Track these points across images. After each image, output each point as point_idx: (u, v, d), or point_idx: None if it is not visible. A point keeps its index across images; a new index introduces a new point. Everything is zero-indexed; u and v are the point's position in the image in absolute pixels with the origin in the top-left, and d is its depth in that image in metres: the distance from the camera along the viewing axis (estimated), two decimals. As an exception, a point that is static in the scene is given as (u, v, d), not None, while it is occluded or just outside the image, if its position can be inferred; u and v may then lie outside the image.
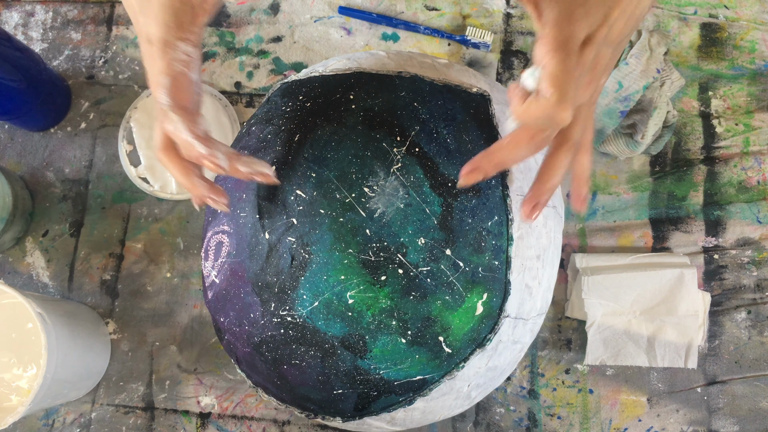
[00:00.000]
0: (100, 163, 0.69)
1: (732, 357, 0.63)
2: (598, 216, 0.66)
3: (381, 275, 0.38)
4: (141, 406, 0.64)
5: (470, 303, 0.39)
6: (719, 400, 0.62)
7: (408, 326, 0.39)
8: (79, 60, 0.72)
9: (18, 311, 0.57)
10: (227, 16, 0.71)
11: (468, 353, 0.41)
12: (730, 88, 0.67)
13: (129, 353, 0.65)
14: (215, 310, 0.46)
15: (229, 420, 0.63)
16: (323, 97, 0.42)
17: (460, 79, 0.44)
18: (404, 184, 0.39)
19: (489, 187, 0.40)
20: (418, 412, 0.44)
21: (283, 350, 0.41)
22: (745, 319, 0.63)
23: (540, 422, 0.62)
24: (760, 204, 0.65)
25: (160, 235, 0.67)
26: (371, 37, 0.70)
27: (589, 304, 0.61)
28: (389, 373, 0.40)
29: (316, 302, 0.39)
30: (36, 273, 0.67)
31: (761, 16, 0.68)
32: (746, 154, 0.66)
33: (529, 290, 0.42)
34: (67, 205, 0.68)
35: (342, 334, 0.39)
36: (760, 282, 0.64)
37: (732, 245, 0.65)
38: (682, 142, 0.67)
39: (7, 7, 0.74)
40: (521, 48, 0.69)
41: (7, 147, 0.70)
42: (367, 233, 0.38)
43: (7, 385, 0.56)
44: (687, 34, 0.69)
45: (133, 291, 0.66)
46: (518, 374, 0.63)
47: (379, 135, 0.40)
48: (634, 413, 0.62)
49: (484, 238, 0.39)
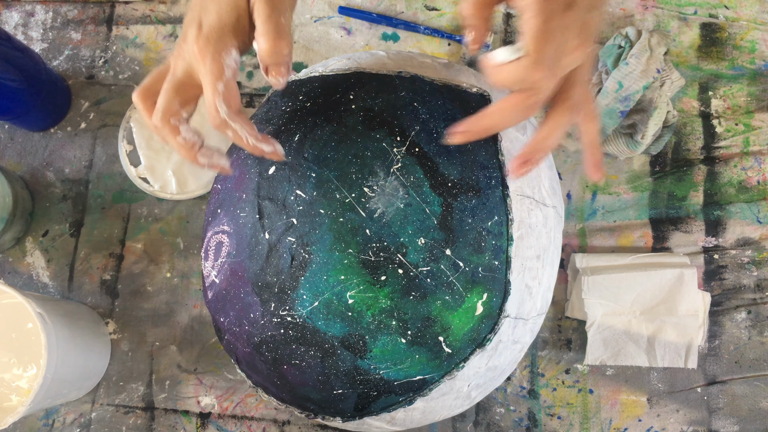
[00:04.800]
0: (100, 163, 0.69)
1: (732, 357, 0.63)
2: (598, 216, 0.66)
3: (381, 275, 0.38)
4: (141, 406, 0.64)
5: (470, 303, 0.39)
6: (719, 400, 0.62)
7: (408, 326, 0.39)
8: (79, 60, 0.72)
9: (18, 311, 0.57)
10: (227, 16, 0.71)
11: (468, 353, 0.41)
12: (730, 88, 0.67)
13: (129, 353, 0.65)
14: (215, 310, 0.46)
15: (229, 420, 0.63)
16: (323, 97, 0.42)
17: (459, 79, 0.44)
18: (404, 184, 0.39)
19: (489, 187, 0.40)
20: (418, 412, 0.44)
21: (283, 350, 0.41)
22: (745, 319, 0.63)
23: (540, 422, 0.62)
24: (760, 204, 0.65)
25: (160, 235, 0.67)
26: (371, 37, 0.70)
27: (589, 304, 0.61)
28: (389, 373, 0.40)
29: (316, 302, 0.39)
30: (36, 273, 0.67)
31: (761, 16, 0.68)
32: (746, 154, 0.66)
33: (529, 290, 0.42)
34: (67, 205, 0.68)
35: (342, 334, 0.39)
36: (760, 282, 0.64)
37: (732, 245, 0.65)
38: (682, 142, 0.67)
39: (7, 7, 0.74)
40: (521, 48, 0.69)
41: (7, 147, 0.70)
42: (367, 233, 0.38)
43: (7, 385, 0.56)
44: (687, 34, 0.69)
45: (133, 291, 0.66)
46: (518, 374, 0.63)
47: (379, 135, 0.40)
48: (634, 413, 0.62)
49: (484, 238, 0.39)
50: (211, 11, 0.37)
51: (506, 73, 0.32)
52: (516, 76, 0.32)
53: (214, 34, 0.36)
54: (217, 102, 0.36)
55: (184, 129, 0.38)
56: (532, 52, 0.31)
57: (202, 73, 0.36)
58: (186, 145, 0.38)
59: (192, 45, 0.36)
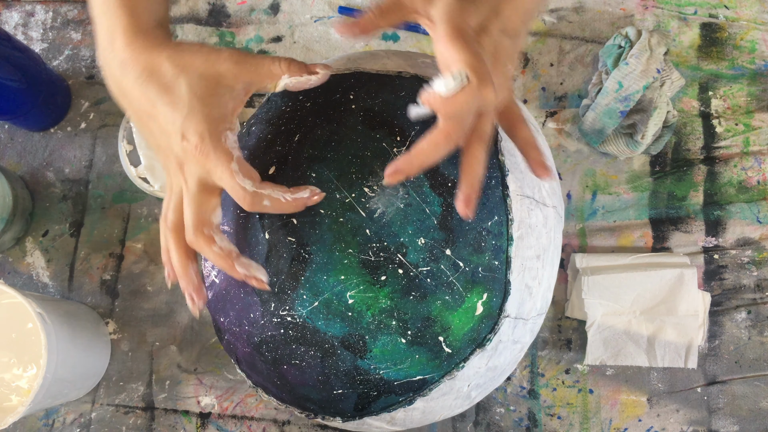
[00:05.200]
0: (100, 163, 0.69)
1: (732, 357, 0.63)
2: (598, 216, 0.66)
3: (381, 275, 0.38)
4: (141, 406, 0.64)
5: (470, 303, 0.39)
6: (719, 400, 0.62)
7: (408, 326, 0.39)
8: (79, 60, 0.72)
9: (18, 311, 0.57)
10: (227, 16, 0.71)
11: (468, 353, 0.41)
12: (730, 88, 0.67)
13: (129, 353, 0.65)
14: (215, 310, 0.46)
15: (229, 420, 0.63)
16: (323, 97, 0.42)
17: (460, 79, 0.44)
18: (404, 184, 0.39)
19: (489, 187, 0.40)
20: (418, 412, 0.44)
21: (283, 350, 0.41)
22: (745, 319, 0.63)
23: (540, 422, 0.62)
24: (760, 204, 0.65)
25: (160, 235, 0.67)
26: (371, 37, 0.70)
27: (589, 304, 0.61)
28: (389, 373, 0.40)
29: (316, 302, 0.39)
30: (36, 273, 0.67)
31: (761, 16, 0.68)
32: (746, 154, 0.66)
33: (529, 290, 0.42)
34: (67, 205, 0.68)
35: (342, 334, 0.39)
36: (760, 282, 0.64)
37: (732, 245, 0.65)
38: (682, 142, 0.67)
39: (7, 7, 0.74)
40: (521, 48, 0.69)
41: (7, 147, 0.70)
42: (367, 233, 0.38)
43: (7, 385, 0.56)
44: (687, 34, 0.69)
45: (133, 291, 0.66)
46: (518, 374, 0.63)
47: (379, 135, 0.40)
48: (634, 413, 0.62)
49: (484, 238, 0.39)
50: (182, 118, 0.35)
51: (460, 99, 0.32)
52: (469, 99, 0.32)
53: (204, 131, 0.35)
54: (240, 181, 0.36)
55: (218, 238, 0.38)
56: (473, 72, 0.32)
57: (211, 169, 0.36)
58: (222, 254, 0.37)
59: (190, 154, 0.36)
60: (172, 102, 0.35)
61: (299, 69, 0.38)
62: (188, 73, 0.35)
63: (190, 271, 0.40)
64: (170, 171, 0.39)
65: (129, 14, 0.36)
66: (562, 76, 0.68)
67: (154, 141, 0.38)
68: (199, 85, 0.35)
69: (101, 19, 0.37)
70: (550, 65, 0.69)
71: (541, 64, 0.69)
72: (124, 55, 0.36)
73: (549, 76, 0.68)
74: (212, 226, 0.38)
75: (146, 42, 0.36)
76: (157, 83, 0.35)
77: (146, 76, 0.35)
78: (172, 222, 0.39)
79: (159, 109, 0.36)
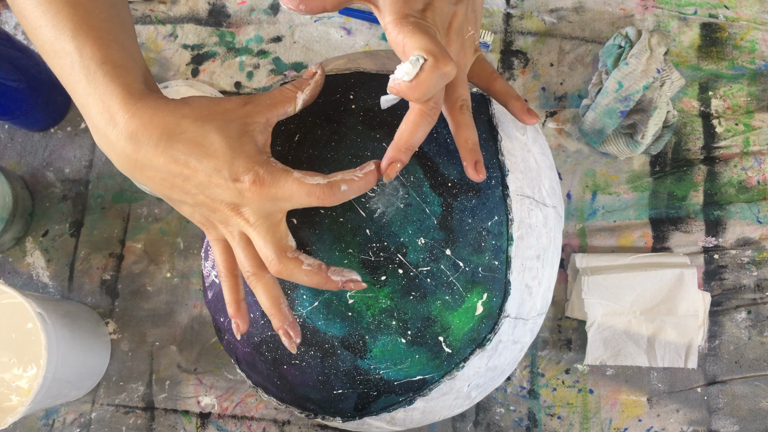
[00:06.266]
0: (100, 163, 0.69)
1: (732, 357, 0.63)
2: (598, 216, 0.66)
3: (381, 275, 0.38)
4: (141, 406, 0.64)
5: (470, 303, 0.39)
6: (719, 400, 0.62)
7: (408, 326, 0.39)
8: (79, 60, 0.72)
9: (18, 311, 0.57)
10: (227, 16, 0.71)
11: (468, 353, 0.41)
12: (730, 88, 0.67)
13: (129, 353, 0.65)
14: (215, 310, 0.46)
15: (229, 420, 0.63)
16: (323, 97, 0.42)
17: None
18: (404, 184, 0.39)
19: (489, 187, 0.40)
20: (418, 412, 0.44)
21: (283, 350, 0.41)
22: (745, 319, 0.63)
23: (540, 422, 0.62)
24: (760, 204, 0.65)
25: (160, 235, 0.67)
26: (371, 37, 0.70)
27: (589, 304, 0.61)
28: (389, 373, 0.40)
29: (316, 302, 0.39)
30: (36, 273, 0.67)
31: (761, 16, 0.68)
32: (746, 154, 0.66)
33: (529, 290, 0.42)
34: (67, 205, 0.68)
35: (342, 334, 0.39)
36: (760, 282, 0.64)
37: (732, 245, 0.65)
38: (682, 142, 0.67)
39: (7, 7, 0.74)
40: (521, 48, 0.69)
41: (7, 147, 0.70)
42: (366, 233, 0.38)
43: (7, 385, 0.56)
44: (687, 34, 0.69)
45: (133, 291, 0.66)
46: (518, 374, 0.63)
47: (379, 135, 0.40)
48: (634, 413, 0.62)
49: (484, 238, 0.39)
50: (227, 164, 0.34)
51: (424, 79, 0.33)
52: (433, 76, 0.33)
53: (255, 165, 0.35)
54: (311, 181, 0.35)
55: (303, 257, 0.37)
56: (429, 53, 0.32)
57: (278, 192, 0.35)
58: (313, 270, 0.36)
59: (249, 192, 0.35)
60: (207, 153, 0.34)
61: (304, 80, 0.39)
62: (212, 121, 0.35)
63: (283, 308, 0.39)
64: (215, 222, 0.38)
65: (121, 85, 0.34)
66: (562, 76, 0.68)
67: (192, 200, 0.36)
68: (228, 129, 0.35)
69: (90, 100, 0.35)
70: (550, 65, 0.69)
71: (541, 64, 0.69)
72: (131, 128, 0.34)
73: (549, 76, 0.68)
74: (293, 248, 0.37)
75: (148, 107, 0.34)
76: (182, 142, 0.34)
77: (166, 139, 0.34)
78: (232, 300, 0.40)
79: (194, 165, 0.34)
